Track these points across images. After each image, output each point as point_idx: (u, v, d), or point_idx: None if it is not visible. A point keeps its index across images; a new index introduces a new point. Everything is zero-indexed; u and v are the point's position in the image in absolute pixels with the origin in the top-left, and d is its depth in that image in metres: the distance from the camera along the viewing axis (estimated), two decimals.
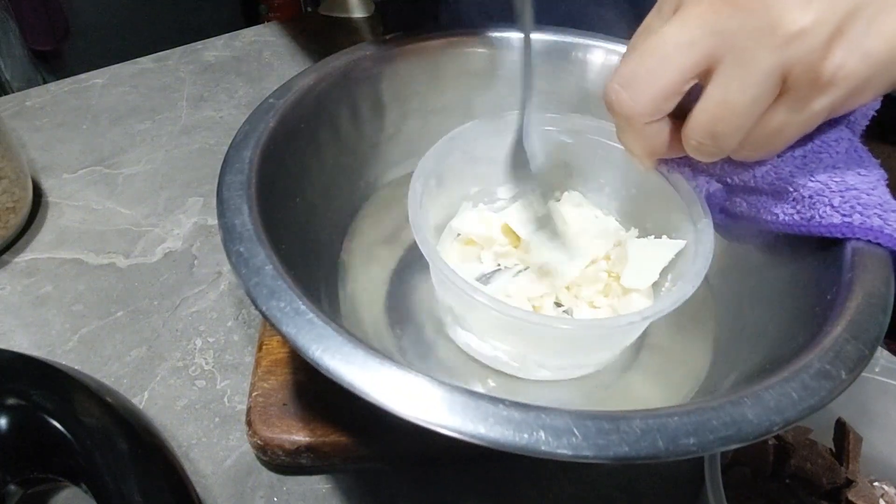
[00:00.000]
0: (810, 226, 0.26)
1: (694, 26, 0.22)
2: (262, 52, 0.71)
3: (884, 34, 0.21)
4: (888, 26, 0.21)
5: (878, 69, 0.22)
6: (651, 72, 0.23)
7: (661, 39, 0.23)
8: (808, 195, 0.26)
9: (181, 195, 0.51)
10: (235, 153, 0.29)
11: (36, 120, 0.59)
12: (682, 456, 0.18)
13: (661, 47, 0.23)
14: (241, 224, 0.25)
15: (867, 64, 0.21)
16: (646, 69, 0.23)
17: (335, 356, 0.21)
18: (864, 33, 0.21)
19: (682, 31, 0.22)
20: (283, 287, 0.23)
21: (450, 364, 0.33)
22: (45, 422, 0.29)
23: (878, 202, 0.25)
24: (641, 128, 0.25)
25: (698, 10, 0.22)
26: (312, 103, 0.34)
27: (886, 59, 0.21)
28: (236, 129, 0.31)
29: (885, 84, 0.22)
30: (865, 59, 0.21)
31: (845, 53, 0.21)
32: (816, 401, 0.20)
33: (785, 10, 0.21)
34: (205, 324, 0.41)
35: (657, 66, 0.23)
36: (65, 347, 0.40)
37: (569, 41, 0.40)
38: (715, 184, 0.30)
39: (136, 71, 0.67)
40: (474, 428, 0.19)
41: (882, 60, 0.21)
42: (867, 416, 0.33)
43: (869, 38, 0.21)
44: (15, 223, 0.45)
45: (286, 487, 0.33)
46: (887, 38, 0.21)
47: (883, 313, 0.23)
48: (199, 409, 0.37)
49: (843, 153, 0.26)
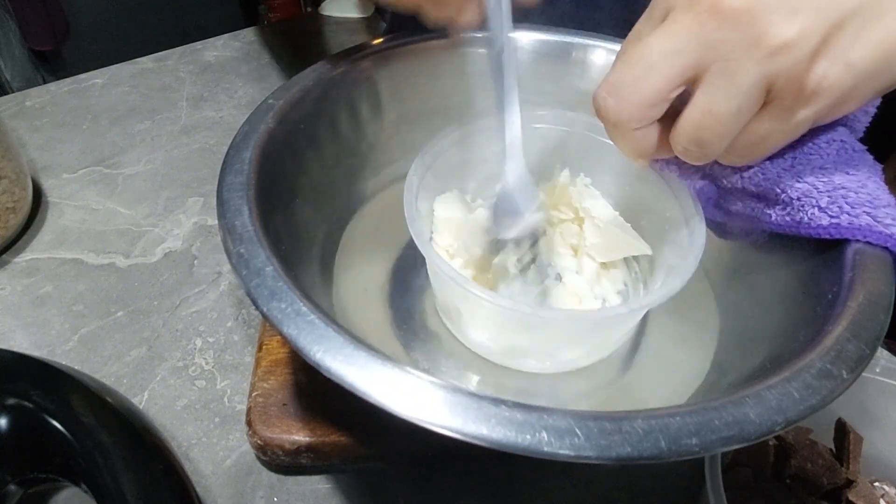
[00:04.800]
0: (800, 227, 0.26)
1: (680, 36, 0.22)
2: (262, 52, 0.71)
3: (869, 44, 0.21)
4: (874, 36, 0.21)
5: (863, 79, 0.22)
6: (637, 79, 0.24)
7: (647, 48, 0.23)
8: (796, 197, 0.26)
9: (181, 195, 0.51)
10: (235, 154, 0.29)
11: (36, 120, 0.59)
12: (684, 456, 0.18)
13: (648, 56, 0.23)
14: (241, 225, 0.25)
15: (851, 74, 0.21)
16: (632, 77, 0.24)
17: (336, 357, 0.21)
18: (850, 44, 0.21)
19: (669, 41, 0.23)
20: (284, 288, 0.23)
21: (453, 362, 0.33)
22: (45, 422, 0.29)
23: (866, 200, 0.25)
24: (630, 133, 0.26)
25: (685, 19, 0.22)
26: (312, 103, 0.34)
27: (871, 69, 0.21)
28: (236, 129, 0.31)
29: (870, 94, 0.23)
30: (849, 69, 0.21)
31: (829, 64, 0.21)
32: (818, 400, 0.20)
33: (770, 22, 0.21)
34: (205, 324, 0.41)
35: (643, 75, 0.23)
36: (65, 347, 0.40)
37: (569, 41, 0.40)
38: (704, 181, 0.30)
39: (136, 71, 0.67)
40: (477, 429, 0.19)
41: (866, 70, 0.21)
42: (868, 416, 0.33)
43: (854, 48, 0.21)
44: (15, 223, 0.45)
45: (286, 487, 0.33)
46: (872, 48, 0.21)
47: (884, 312, 0.23)
48: (199, 409, 0.37)
49: (834, 154, 0.26)
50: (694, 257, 0.28)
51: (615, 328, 0.32)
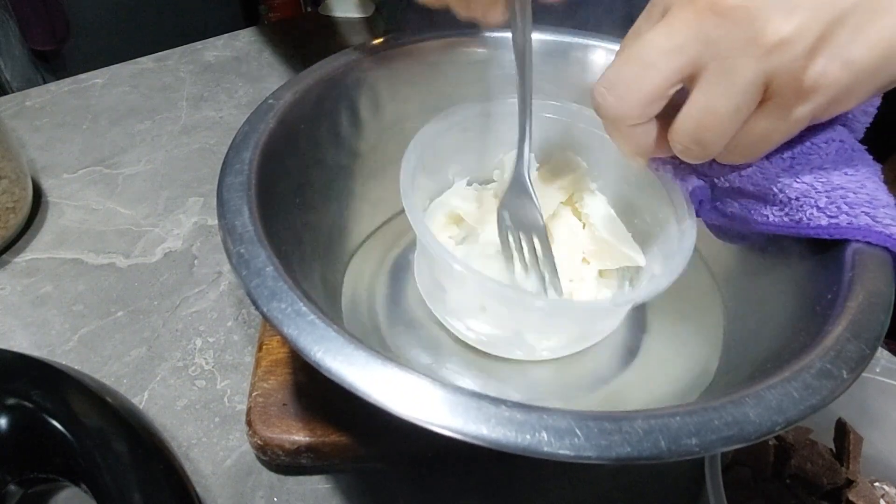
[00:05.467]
0: (799, 228, 0.26)
1: (679, 33, 0.22)
2: (262, 52, 0.71)
3: (867, 42, 0.21)
4: (872, 35, 0.21)
5: (861, 77, 0.22)
6: (636, 76, 0.24)
7: (646, 45, 0.23)
8: (795, 197, 0.26)
9: (181, 195, 0.51)
10: (235, 154, 0.29)
11: (36, 120, 0.59)
12: (684, 456, 0.18)
13: (646, 52, 0.23)
14: (241, 225, 0.25)
15: (849, 72, 0.22)
16: (631, 73, 0.24)
17: (337, 357, 0.21)
18: (848, 41, 0.21)
19: (667, 38, 0.23)
20: (285, 288, 0.23)
21: (453, 362, 0.33)
22: (45, 422, 0.29)
23: (865, 200, 0.25)
24: (628, 129, 0.26)
25: (684, 16, 0.22)
26: (312, 103, 0.34)
27: (869, 67, 0.21)
28: (236, 129, 0.31)
29: (868, 91, 0.23)
30: (847, 67, 0.21)
31: (827, 61, 0.21)
32: (818, 400, 0.20)
33: (768, 20, 0.21)
34: (205, 324, 0.41)
35: (642, 71, 0.23)
36: (65, 347, 0.40)
37: (569, 41, 0.40)
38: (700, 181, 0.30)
39: (136, 71, 0.67)
40: (476, 429, 0.19)
41: (864, 68, 0.21)
42: (867, 416, 0.33)
43: (852, 46, 0.21)
44: (15, 223, 0.45)
45: (286, 487, 0.33)
46: (870, 45, 0.21)
47: (884, 312, 0.23)
48: (199, 409, 0.37)
49: (833, 153, 0.26)
50: (681, 259, 0.28)
51: (596, 321, 0.32)
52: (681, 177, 0.30)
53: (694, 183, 0.30)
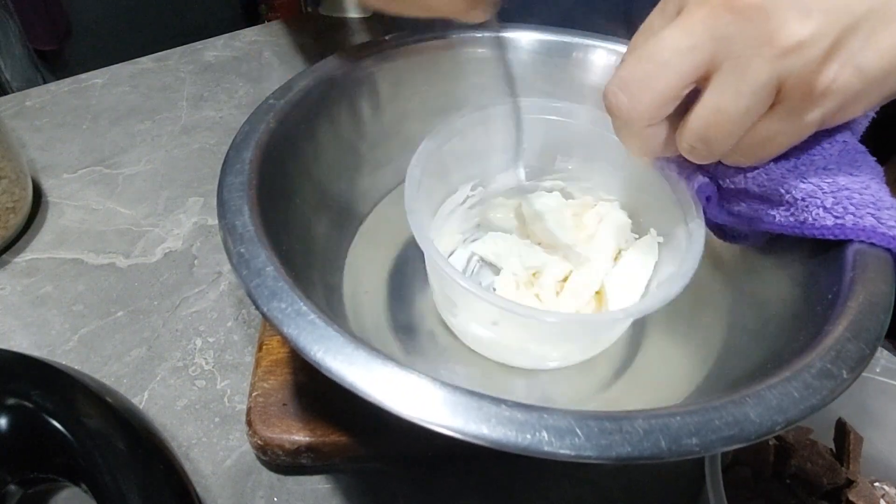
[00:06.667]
0: (804, 228, 0.26)
1: (695, 31, 0.22)
2: (262, 52, 0.71)
3: (879, 49, 0.21)
4: (885, 42, 0.21)
5: (871, 83, 0.22)
6: (650, 76, 0.23)
7: (661, 43, 0.23)
8: (801, 197, 0.26)
9: (181, 195, 0.51)
10: (235, 154, 0.29)
11: (36, 120, 0.59)
12: (684, 456, 0.18)
13: (661, 52, 0.23)
14: (241, 225, 0.25)
15: (860, 78, 0.21)
16: (644, 73, 0.23)
17: (337, 357, 0.21)
18: (860, 48, 0.21)
19: (683, 37, 0.22)
20: (285, 288, 0.23)
21: (454, 362, 0.33)
22: (45, 422, 0.29)
23: (870, 201, 0.25)
24: (639, 130, 0.25)
25: (700, 14, 0.22)
26: (312, 103, 0.34)
27: (880, 74, 0.21)
28: (236, 129, 0.31)
29: (877, 98, 0.23)
30: (859, 73, 0.21)
31: (840, 67, 0.21)
32: (818, 400, 0.20)
33: (784, 21, 0.21)
34: (205, 324, 0.41)
35: (656, 71, 0.23)
36: (65, 347, 0.40)
37: (568, 41, 0.40)
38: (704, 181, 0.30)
39: (136, 71, 0.66)
40: (477, 429, 0.19)
41: (875, 75, 0.21)
42: (868, 416, 0.33)
43: (864, 52, 0.21)
44: (15, 223, 0.45)
45: (286, 487, 0.33)
46: (882, 53, 0.21)
47: (884, 312, 0.23)
48: (199, 409, 0.37)
49: (837, 154, 0.26)
50: (691, 265, 0.28)
51: (608, 331, 0.32)
52: (686, 175, 0.30)
53: (699, 180, 0.29)
